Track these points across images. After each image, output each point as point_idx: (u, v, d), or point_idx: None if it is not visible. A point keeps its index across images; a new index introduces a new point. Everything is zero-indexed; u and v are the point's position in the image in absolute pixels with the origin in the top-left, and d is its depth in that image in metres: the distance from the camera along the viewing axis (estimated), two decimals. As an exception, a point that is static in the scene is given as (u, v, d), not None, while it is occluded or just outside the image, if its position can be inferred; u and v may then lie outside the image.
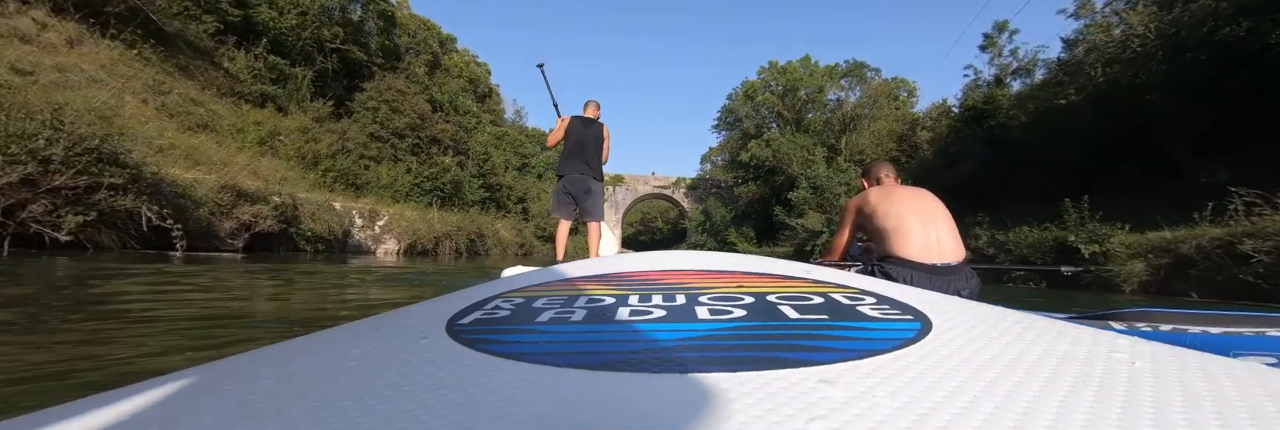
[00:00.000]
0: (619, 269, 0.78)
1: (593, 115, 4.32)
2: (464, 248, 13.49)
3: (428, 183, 18.23)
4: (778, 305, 0.54)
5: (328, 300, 2.80)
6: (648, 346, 0.41)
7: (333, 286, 3.47)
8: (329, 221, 7.88)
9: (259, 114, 12.51)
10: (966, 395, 0.31)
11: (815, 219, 17.48)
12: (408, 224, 10.66)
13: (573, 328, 0.47)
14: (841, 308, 0.53)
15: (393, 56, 21.10)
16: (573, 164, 4.11)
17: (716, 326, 0.47)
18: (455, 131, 22.38)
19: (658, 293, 0.61)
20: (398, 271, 5.22)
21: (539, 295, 0.61)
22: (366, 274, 4.79)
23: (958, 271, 1.95)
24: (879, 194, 2.18)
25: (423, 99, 18.91)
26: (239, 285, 3.25)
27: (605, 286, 0.66)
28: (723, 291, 0.61)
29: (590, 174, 4.15)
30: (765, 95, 31.88)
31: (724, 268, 0.78)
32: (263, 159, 11.69)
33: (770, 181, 29.68)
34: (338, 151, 14.01)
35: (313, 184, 12.57)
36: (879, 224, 2.08)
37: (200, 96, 11.46)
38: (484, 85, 35.07)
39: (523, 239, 21.22)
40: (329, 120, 15.17)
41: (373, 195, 14.51)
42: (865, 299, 0.57)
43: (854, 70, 28.25)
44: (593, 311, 0.53)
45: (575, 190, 4.13)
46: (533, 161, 38.81)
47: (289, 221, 7.07)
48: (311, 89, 15.26)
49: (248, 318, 2.12)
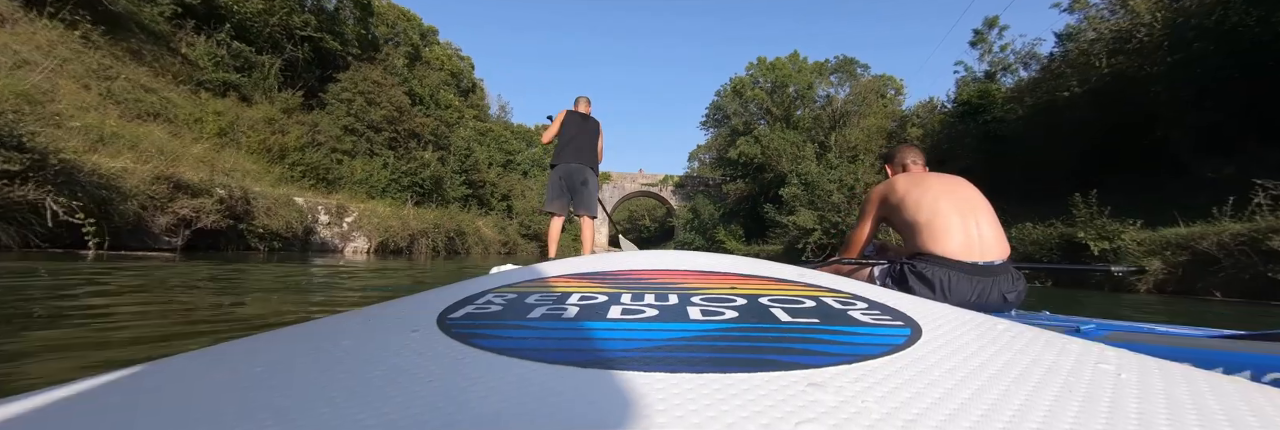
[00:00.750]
0: (612, 268, 0.79)
1: (586, 111, 4.30)
2: (442, 246, 12.80)
3: (406, 178, 17.45)
4: (769, 308, 0.54)
5: (174, 321, 2.18)
6: (639, 345, 0.41)
7: (218, 294, 2.84)
8: (287, 218, 7.19)
9: (219, 103, 11.70)
10: (953, 402, 0.31)
11: (807, 216, 17.05)
12: (379, 221, 9.96)
13: (565, 325, 0.47)
14: (833, 312, 0.53)
15: (370, 47, 20.24)
16: (570, 153, 4.01)
17: (708, 327, 0.47)
18: (436, 126, 21.59)
19: (650, 292, 0.61)
20: (348, 275, 4.58)
21: (531, 291, 0.61)
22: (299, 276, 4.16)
23: (1002, 271, 1.69)
24: (908, 182, 1.87)
25: (401, 91, 18.12)
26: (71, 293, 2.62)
27: (598, 284, 0.66)
28: (715, 292, 0.61)
29: (588, 165, 4.05)
30: (754, 91, 31.47)
31: (717, 269, 0.78)
32: (224, 151, 10.92)
33: (759, 179, 29.31)
34: (307, 144, 13.22)
35: (279, 178, 11.81)
36: (909, 217, 1.78)
37: (153, 83, 10.64)
38: (467, 80, 34.18)
39: (506, 237, 20.52)
40: (299, 112, 14.36)
41: (346, 191, 13.75)
42: (857, 304, 0.57)
43: (843, 66, 27.93)
44: (585, 309, 0.53)
45: (572, 180, 3.99)
46: (518, 158, 38.01)
47: (239, 217, 6.37)
48: (280, 79, 14.43)
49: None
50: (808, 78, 30.80)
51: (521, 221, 25.66)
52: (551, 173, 4.09)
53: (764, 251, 24.20)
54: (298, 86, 14.85)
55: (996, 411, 0.30)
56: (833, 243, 16.38)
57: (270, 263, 5.49)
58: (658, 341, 0.42)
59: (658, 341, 0.42)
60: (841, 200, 15.86)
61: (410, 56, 24.99)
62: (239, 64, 13.43)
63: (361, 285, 3.71)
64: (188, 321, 2.00)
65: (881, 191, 1.93)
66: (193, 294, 2.70)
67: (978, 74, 20.01)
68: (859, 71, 28.67)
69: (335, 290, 3.31)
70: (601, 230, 47.30)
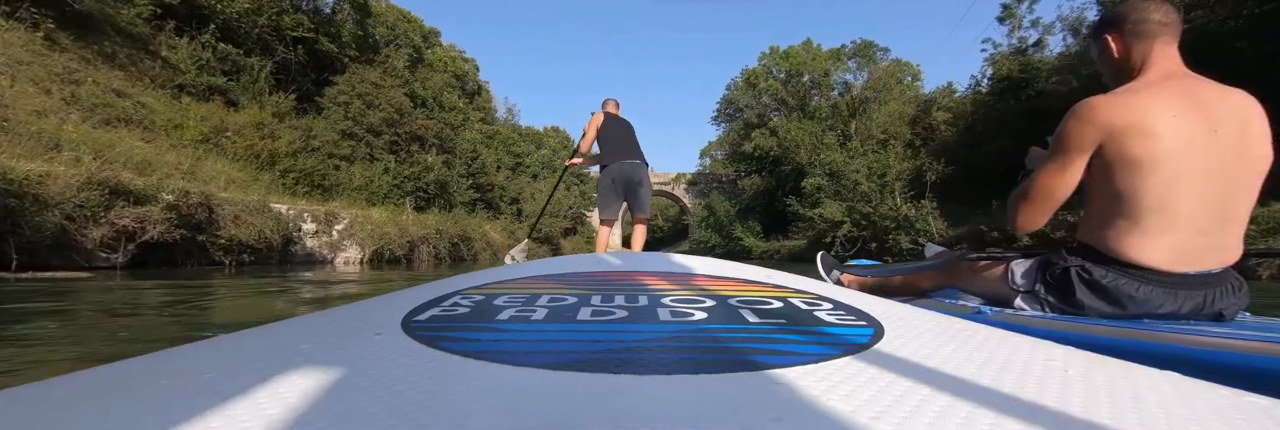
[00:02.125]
0: (582, 269, 0.79)
1: (616, 112, 4.09)
2: (446, 253, 11.94)
3: (408, 183, 16.68)
4: (738, 309, 0.54)
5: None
6: (609, 347, 0.41)
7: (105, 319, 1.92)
8: (262, 226, 6.36)
9: (202, 108, 10.98)
10: (913, 400, 0.32)
11: (834, 208, 15.91)
12: (373, 228, 9.11)
13: (534, 326, 0.47)
14: (799, 313, 0.54)
15: (368, 49, 19.56)
16: (622, 151, 3.75)
17: (678, 328, 0.47)
18: (440, 128, 20.84)
19: (620, 293, 0.61)
20: (318, 285, 3.68)
21: (500, 293, 0.60)
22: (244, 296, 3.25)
23: (1222, 280, 1.05)
24: (1163, 96, 0.99)
25: (401, 92, 17.35)
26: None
27: (568, 286, 0.65)
28: (685, 294, 0.61)
29: (642, 160, 3.81)
30: (768, 82, 30.30)
31: (687, 270, 0.79)
32: (207, 159, 10.18)
33: (776, 172, 28.13)
34: (300, 150, 12.46)
35: (268, 186, 11.06)
36: (1126, 180, 0.98)
37: (128, 88, 9.93)
38: (472, 82, 33.48)
39: (516, 241, 19.68)
40: (291, 116, 13.63)
41: (344, 198, 12.98)
42: (822, 304, 0.58)
43: (862, 50, 26.63)
44: (554, 311, 0.52)
45: (627, 181, 3.73)
46: (527, 161, 37.26)
47: (200, 227, 5.54)
48: (271, 82, 13.72)
49: None
50: (823, 65, 29.57)
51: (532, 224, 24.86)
52: (601, 177, 3.83)
53: (785, 248, 23.04)
54: (291, 90, 14.12)
55: (954, 408, 0.31)
56: (863, 235, 15.26)
57: (234, 278, 4.66)
58: (628, 343, 0.42)
59: (628, 343, 0.42)
60: (872, 189, 14.70)
61: (412, 59, 24.33)
62: (226, 67, 12.73)
63: (320, 297, 2.79)
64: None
65: (1105, 109, 1.00)
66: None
67: (1009, 50, 18.64)
68: (878, 56, 27.33)
69: (279, 305, 2.39)
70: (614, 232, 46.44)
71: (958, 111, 19.66)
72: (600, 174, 3.88)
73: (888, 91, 26.55)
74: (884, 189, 14.83)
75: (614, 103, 4.20)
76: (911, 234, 13.20)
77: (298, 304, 2.83)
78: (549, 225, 27.53)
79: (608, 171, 3.79)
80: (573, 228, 33.84)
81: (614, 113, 4.09)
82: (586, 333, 0.45)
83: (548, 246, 26.42)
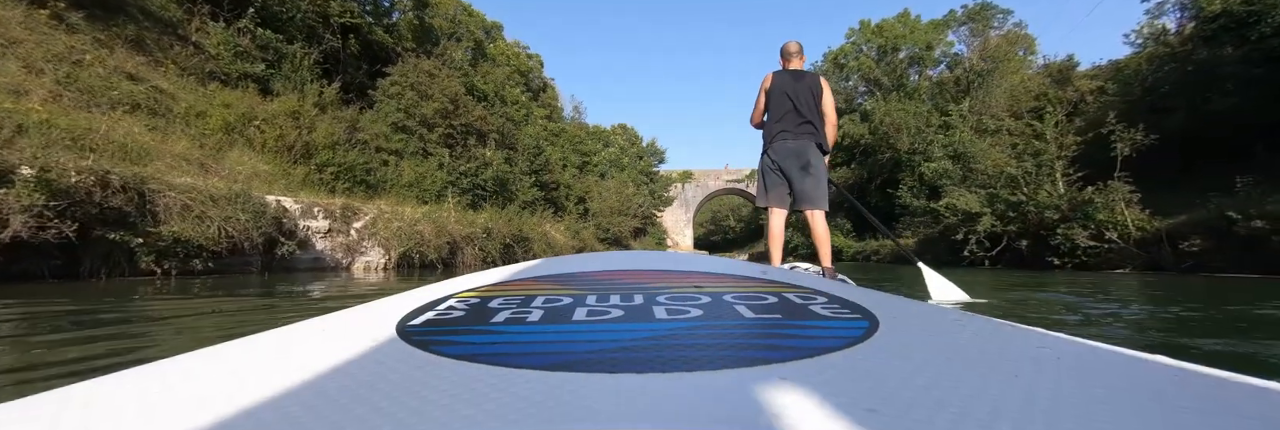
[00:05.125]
0: (577, 269, 0.80)
1: (799, 66, 3.27)
2: (498, 255, 10.11)
3: (464, 180, 15.25)
4: (734, 305, 0.54)
5: None
6: (605, 347, 0.41)
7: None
8: (238, 220, 4.63)
9: (229, 95, 9.84)
10: (910, 391, 0.33)
11: (968, 198, 12.65)
12: (403, 225, 7.39)
13: (529, 328, 0.46)
14: (794, 307, 0.54)
15: (425, 40, 18.52)
16: (784, 125, 3.04)
17: (674, 326, 0.46)
18: (502, 123, 19.48)
19: (615, 293, 0.61)
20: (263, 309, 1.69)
21: (494, 295, 0.60)
22: None
23: None
24: None
25: (457, 82, 16.00)
26: None
27: (562, 287, 0.66)
28: (680, 291, 0.61)
29: (811, 138, 3.03)
30: (858, 60, 26.82)
31: (681, 268, 0.80)
32: (231, 149, 8.94)
33: (869, 163, 24.63)
34: (340, 142, 11.15)
35: (301, 181, 9.73)
36: None
37: (149, 73, 8.87)
38: (537, 78, 32.41)
39: (581, 241, 17.84)
40: (335, 106, 12.44)
41: (392, 195, 11.57)
42: (817, 299, 0.58)
43: (978, 14, 22.59)
44: (550, 312, 0.52)
45: (789, 164, 3.01)
46: (594, 160, 35.79)
47: (121, 221, 3.87)
48: (317, 72, 12.63)
49: None
50: (924, 37, 25.70)
51: (599, 223, 23.02)
52: (762, 158, 3.20)
53: (887, 248, 19.61)
54: (336, 80, 12.99)
55: (950, 398, 0.32)
56: (1010, 230, 11.94)
57: (153, 299, 2.93)
58: (624, 342, 0.42)
59: (624, 342, 0.42)
60: (1027, 171, 11.40)
61: (472, 53, 23.33)
62: (267, 56, 11.69)
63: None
64: None
65: None
66: None
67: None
68: (996, 22, 23.16)
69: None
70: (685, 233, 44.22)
71: (1120, 75, 15.60)
72: (761, 156, 3.24)
73: (1008, 62, 22.39)
74: (1040, 170, 11.46)
75: (796, 52, 3.26)
76: (1092, 227, 9.85)
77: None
78: (618, 225, 25.65)
79: (770, 150, 3.11)
80: (643, 228, 31.82)
81: (791, 66, 3.24)
82: (582, 333, 0.44)
83: (617, 248, 24.52)
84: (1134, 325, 2.18)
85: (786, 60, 3.27)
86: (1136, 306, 2.90)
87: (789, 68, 3.23)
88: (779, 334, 0.45)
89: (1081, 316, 2.45)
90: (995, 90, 21.18)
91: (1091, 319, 2.34)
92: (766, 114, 3.18)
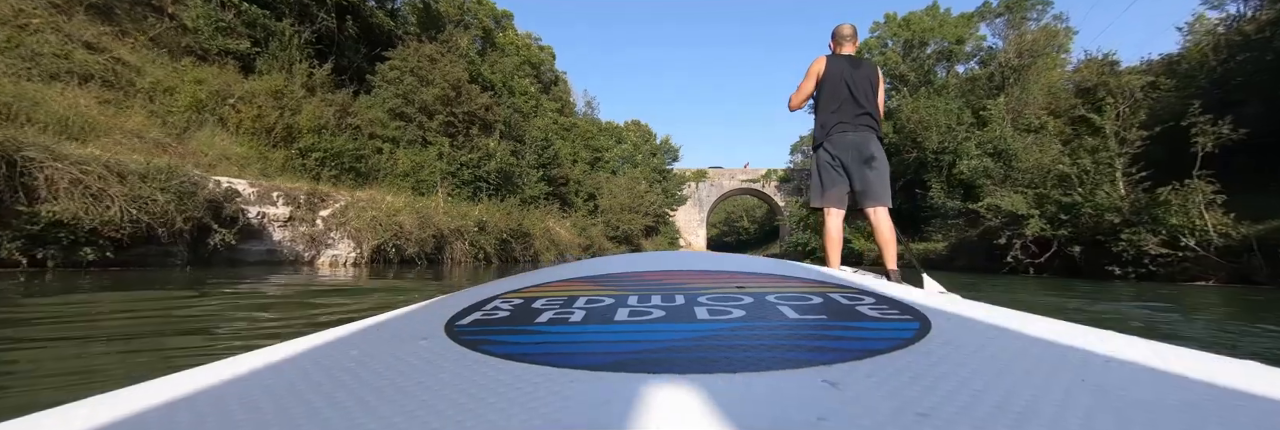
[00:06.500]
0: (617, 269, 0.80)
1: (852, 51, 2.99)
2: (493, 251, 9.15)
3: (466, 171, 14.35)
4: (777, 305, 0.53)
5: None
6: (647, 347, 0.41)
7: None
8: (132, 201, 3.68)
9: (201, 71, 8.99)
10: (965, 395, 0.31)
11: (1014, 199, 11.47)
12: (379, 215, 6.45)
13: (572, 328, 0.47)
14: (840, 308, 0.52)
15: (430, 25, 17.67)
16: (842, 116, 2.76)
17: (716, 327, 0.46)
18: (509, 114, 18.58)
19: (656, 293, 0.60)
20: None
21: (538, 296, 0.60)
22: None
23: None
24: None
25: (460, 68, 15.11)
26: None
27: (604, 287, 0.65)
28: (721, 292, 0.60)
29: (872, 130, 2.77)
30: (884, 54, 25.56)
31: (722, 268, 0.78)
32: (200, 129, 8.09)
33: (893, 163, 23.35)
34: (327, 126, 10.27)
35: (280, 166, 8.86)
36: None
37: (112, 44, 8.04)
38: (549, 71, 31.52)
39: (588, 239, 16.85)
40: (327, 89, 11.58)
41: (386, 185, 10.69)
42: (864, 299, 0.56)
43: (1016, 4, 21.22)
44: (592, 312, 0.52)
45: (850, 158, 2.72)
46: (606, 156, 34.84)
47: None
48: (308, 52, 11.78)
49: None
50: (954, 31, 24.38)
51: (608, 220, 22.02)
52: (818, 153, 2.85)
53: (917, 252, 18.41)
54: (328, 62, 12.12)
55: (1008, 404, 0.30)
56: (1061, 234, 10.75)
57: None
58: (666, 343, 0.41)
59: (666, 343, 0.41)
60: (1085, 169, 10.21)
61: (480, 41, 22.47)
62: (254, 33, 10.85)
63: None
64: None
65: None
66: None
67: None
68: (1033, 14, 21.76)
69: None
70: (698, 233, 43.10)
71: (1179, 68, 14.27)
72: (814, 146, 2.85)
73: (1047, 57, 21.04)
74: (1098, 168, 10.25)
75: (849, 35, 2.93)
76: (1162, 232, 8.65)
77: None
78: (629, 222, 24.65)
79: (827, 144, 2.76)
80: (654, 227, 30.78)
81: (844, 51, 2.93)
82: (624, 334, 0.44)
83: (627, 247, 23.52)
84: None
85: (839, 44, 2.99)
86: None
87: (842, 53, 2.97)
88: (825, 335, 0.43)
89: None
90: (1032, 86, 19.84)
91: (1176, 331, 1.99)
92: (814, 102, 2.91)
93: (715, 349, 0.40)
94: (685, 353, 0.39)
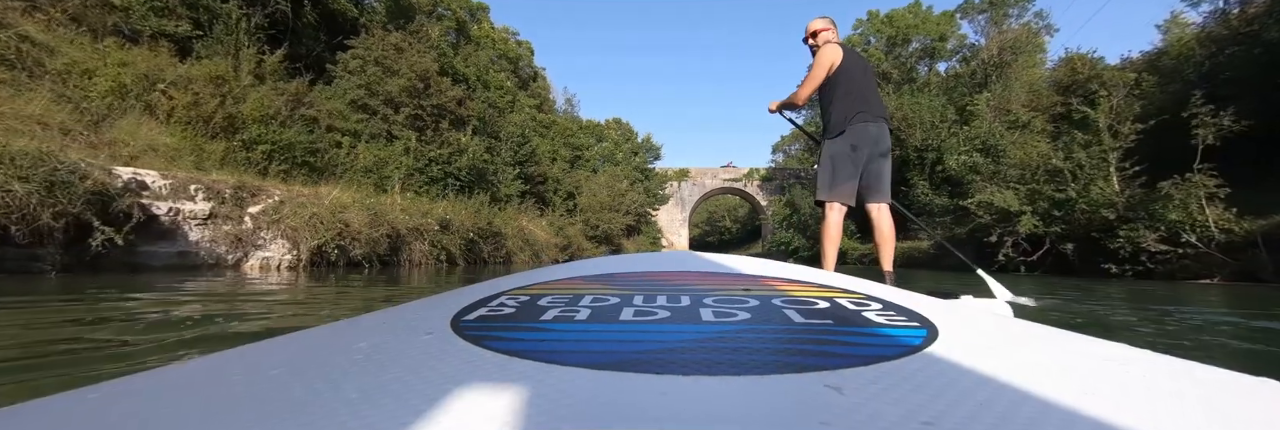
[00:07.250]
0: (622, 269, 0.79)
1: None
2: (459, 253, 8.41)
3: (435, 168, 13.54)
4: (783, 309, 0.53)
5: None
6: (651, 347, 0.41)
7: None
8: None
9: (127, 53, 8.08)
10: (971, 403, 0.31)
11: (1005, 195, 11.10)
12: (320, 212, 5.70)
13: (577, 327, 0.47)
14: (847, 313, 0.52)
15: (399, 14, 16.76)
16: (862, 107, 2.69)
17: (721, 329, 0.46)
18: (484, 109, 17.75)
19: (662, 294, 0.60)
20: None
21: (544, 293, 0.61)
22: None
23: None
24: None
25: (428, 58, 14.28)
26: None
27: (610, 286, 0.66)
28: (727, 294, 0.60)
29: (887, 123, 2.78)
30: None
31: (729, 270, 0.77)
32: (126, 117, 7.21)
33: (878, 160, 23.14)
34: (275, 116, 9.41)
35: (220, 160, 7.99)
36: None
37: (17, 19, 7.12)
38: (527, 67, 30.65)
39: (567, 239, 16.13)
40: (279, 77, 10.69)
41: (346, 181, 9.85)
42: (871, 305, 0.56)
43: (998, 1, 21.10)
44: (597, 311, 0.52)
45: (870, 149, 2.67)
46: (586, 154, 34.05)
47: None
48: (259, 38, 10.87)
49: None
50: (936, 28, 24.26)
51: (588, 220, 21.31)
52: (833, 143, 2.71)
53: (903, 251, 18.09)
54: (284, 49, 11.22)
55: (1014, 413, 0.30)
56: (1054, 231, 10.40)
57: None
58: (670, 343, 0.42)
59: (670, 343, 0.42)
60: (1081, 164, 9.85)
61: (455, 33, 21.58)
62: (196, 15, 9.92)
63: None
64: None
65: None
66: None
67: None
68: (1014, 11, 21.67)
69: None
70: (680, 232, 42.60)
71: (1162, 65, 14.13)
72: (827, 137, 2.74)
73: (1028, 55, 20.97)
74: (1092, 163, 9.91)
75: (830, 23, 2.94)
76: (1161, 228, 8.30)
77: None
78: (609, 222, 23.96)
79: (848, 134, 2.66)
80: (636, 226, 30.13)
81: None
82: (629, 333, 0.45)
83: (607, 247, 22.83)
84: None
85: (836, 34, 3.01)
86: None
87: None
88: (831, 340, 0.43)
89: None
90: (1014, 83, 19.71)
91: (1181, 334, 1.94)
92: (821, 93, 2.82)
93: (719, 351, 0.39)
94: (689, 354, 0.38)
